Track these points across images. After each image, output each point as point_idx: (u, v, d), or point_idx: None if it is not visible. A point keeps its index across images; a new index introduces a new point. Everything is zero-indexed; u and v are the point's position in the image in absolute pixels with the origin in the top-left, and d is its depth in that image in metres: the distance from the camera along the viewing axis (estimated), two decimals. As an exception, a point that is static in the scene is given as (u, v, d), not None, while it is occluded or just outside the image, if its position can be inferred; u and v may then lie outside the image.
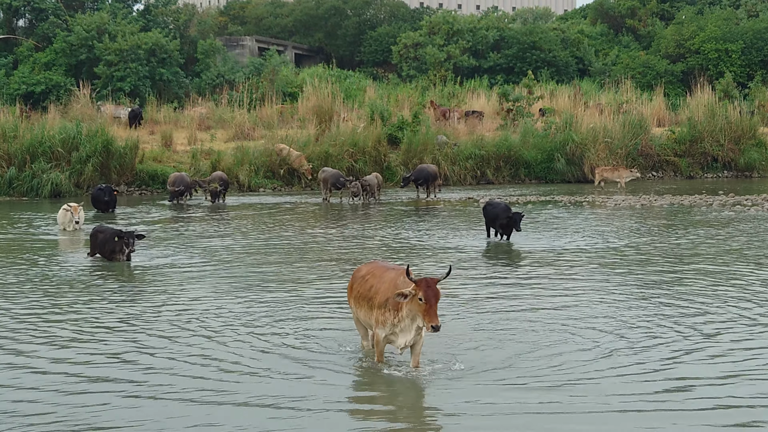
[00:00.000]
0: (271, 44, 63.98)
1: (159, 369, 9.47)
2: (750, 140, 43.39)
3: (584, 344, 10.37)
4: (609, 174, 36.54)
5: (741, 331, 10.92)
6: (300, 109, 43.39)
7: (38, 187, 32.24)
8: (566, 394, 8.49)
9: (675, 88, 56.18)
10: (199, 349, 10.27)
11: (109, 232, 17.14)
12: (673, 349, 10.15)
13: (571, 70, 62.44)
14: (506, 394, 8.53)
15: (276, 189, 35.83)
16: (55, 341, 10.71)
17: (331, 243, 19.76)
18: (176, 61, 52.09)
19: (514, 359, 9.76)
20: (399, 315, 9.00)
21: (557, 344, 10.38)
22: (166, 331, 11.20)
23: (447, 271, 9.11)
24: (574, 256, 17.32)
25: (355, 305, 9.86)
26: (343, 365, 9.65)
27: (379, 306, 9.26)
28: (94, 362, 9.79)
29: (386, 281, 9.34)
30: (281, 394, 8.56)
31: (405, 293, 8.80)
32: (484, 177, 39.22)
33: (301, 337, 10.82)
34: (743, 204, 27.78)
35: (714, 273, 15.15)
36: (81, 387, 8.86)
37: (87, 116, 39.49)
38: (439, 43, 62.05)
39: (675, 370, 9.30)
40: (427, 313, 8.68)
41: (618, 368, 9.37)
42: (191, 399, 8.46)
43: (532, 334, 10.87)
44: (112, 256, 16.84)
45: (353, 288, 9.92)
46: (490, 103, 50.00)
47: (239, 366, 9.53)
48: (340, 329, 11.19)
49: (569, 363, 9.56)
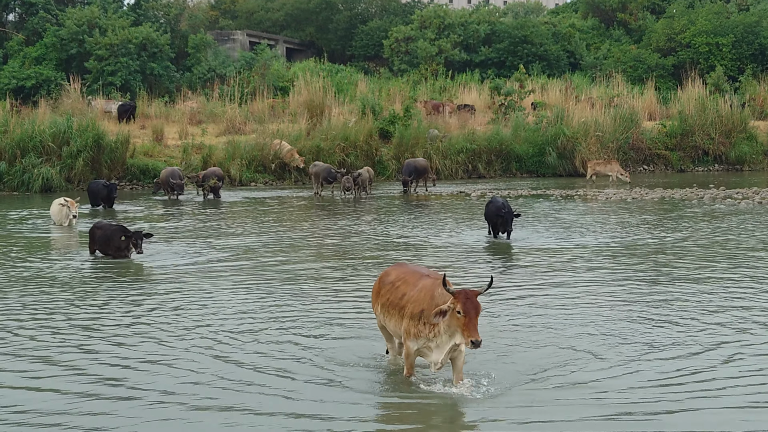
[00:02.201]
0: (262, 38, 63.83)
1: (179, 373, 9.18)
2: (741, 134, 43.53)
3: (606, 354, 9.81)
4: (601, 167, 36.58)
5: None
6: (291, 103, 43.32)
7: (29, 181, 32.17)
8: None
9: (666, 82, 56.28)
10: (215, 351, 9.95)
11: (110, 228, 16.69)
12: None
13: (562, 64, 62.47)
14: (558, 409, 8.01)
15: (267, 183, 35.81)
16: (68, 342, 10.58)
17: (349, 239, 19.74)
18: (167, 55, 51.95)
19: (553, 369, 9.18)
20: (435, 330, 8.26)
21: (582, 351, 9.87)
22: (190, 330, 10.98)
23: (488, 283, 8.41)
24: (576, 253, 17.35)
25: (382, 313, 9.08)
26: (371, 380, 9.01)
27: (412, 317, 8.49)
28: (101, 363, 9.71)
29: (421, 290, 8.56)
30: (306, 408, 8.09)
31: (444, 310, 8.08)
32: (475, 171, 39.24)
33: (326, 342, 10.35)
34: (734, 197, 27.86)
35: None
36: (95, 389, 8.66)
37: (78, 111, 39.37)
38: (431, 37, 62.01)
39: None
40: (467, 327, 7.95)
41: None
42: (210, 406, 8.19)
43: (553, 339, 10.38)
44: (118, 254, 16.45)
45: (380, 294, 9.14)
46: (481, 97, 50.03)
47: (258, 374, 9.06)
48: (364, 337, 10.58)
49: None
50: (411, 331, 8.46)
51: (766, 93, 51.59)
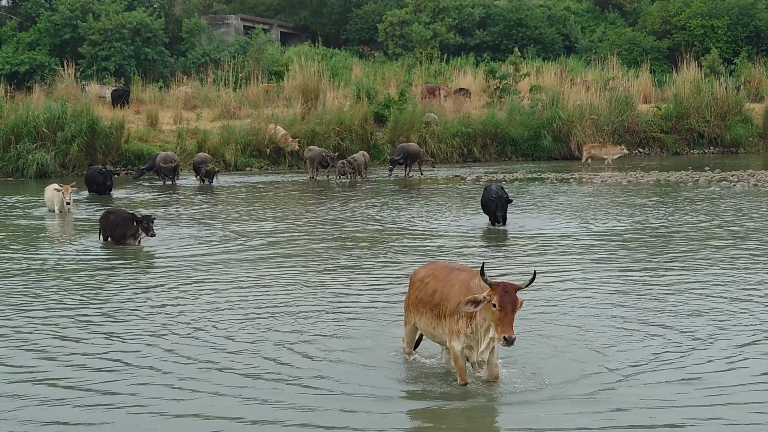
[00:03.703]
0: (256, 23, 63.57)
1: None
2: (736, 116, 43.50)
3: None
4: (596, 151, 36.52)
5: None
6: (286, 87, 43.20)
7: (24, 167, 32.07)
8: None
9: (661, 65, 56.17)
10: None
11: (123, 215, 16.46)
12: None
13: (557, 47, 62.31)
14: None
15: (263, 168, 35.76)
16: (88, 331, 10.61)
17: (352, 222, 19.73)
18: (161, 40, 51.78)
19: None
20: (472, 325, 7.81)
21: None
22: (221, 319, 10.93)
23: (531, 278, 7.80)
24: (574, 240, 17.38)
25: (414, 312, 8.62)
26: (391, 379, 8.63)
27: (450, 314, 8.00)
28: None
29: (456, 284, 8.09)
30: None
31: (478, 299, 7.60)
32: (470, 155, 39.20)
33: (357, 339, 9.96)
34: (729, 180, 27.87)
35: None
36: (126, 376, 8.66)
37: (72, 96, 39.21)
38: (425, 20, 61.80)
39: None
40: (501, 322, 7.43)
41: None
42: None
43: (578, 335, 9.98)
44: (122, 241, 16.23)
45: (410, 293, 8.76)
46: (476, 80, 49.90)
47: (281, 373, 8.77)
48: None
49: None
50: (453, 328, 7.97)
51: (762, 75, 51.56)
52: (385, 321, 10.57)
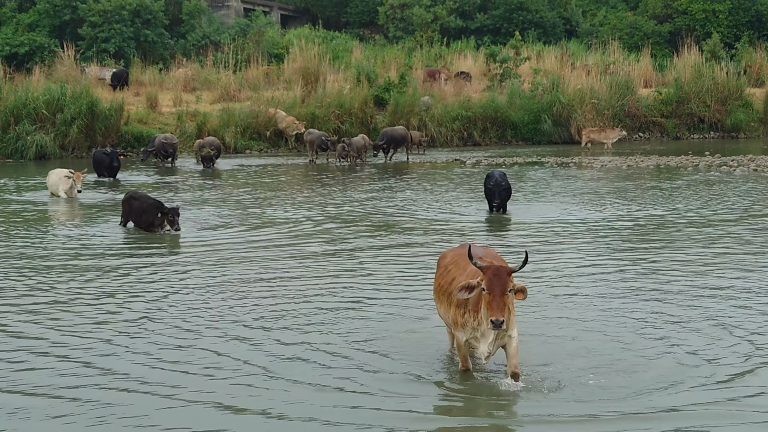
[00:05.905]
0: (256, 5, 63.38)
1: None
2: (736, 101, 43.42)
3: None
4: (596, 135, 36.53)
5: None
6: (286, 70, 43.10)
7: (23, 149, 32.04)
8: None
9: (662, 49, 56.00)
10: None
11: (148, 202, 15.96)
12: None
13: (558, 31, 62.13)
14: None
15: (262, 150, 35.73)
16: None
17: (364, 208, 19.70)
18: (161, 22, 51.64)
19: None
20: (479, 316, 7.54)
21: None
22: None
23: (523, 260, 7.59)
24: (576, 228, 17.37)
25: (437, 299, 8.38)
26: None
27: (458, 304, 7.74)
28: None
29: (470, 274, 7.71)
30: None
31: (472, 285, 7.42)
32: (470, 138, 39.17)
33: (379, 332, 9.55)
34: (729, 165, 27.85)
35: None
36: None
37: (71, 78, 39.15)
38: (426, 3, 61.56)
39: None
40: (489, 305, 7.23)
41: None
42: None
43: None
44: (150, 229, 15.70)
45: (435, 279, 8.53)
46: (477, 64, 49.78)
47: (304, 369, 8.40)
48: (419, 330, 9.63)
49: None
50: (458, 320, 7.74)
51: (763, 60, 51.40)
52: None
